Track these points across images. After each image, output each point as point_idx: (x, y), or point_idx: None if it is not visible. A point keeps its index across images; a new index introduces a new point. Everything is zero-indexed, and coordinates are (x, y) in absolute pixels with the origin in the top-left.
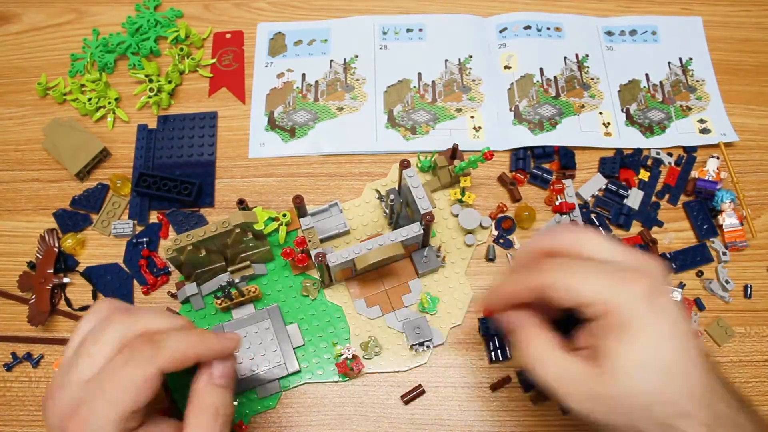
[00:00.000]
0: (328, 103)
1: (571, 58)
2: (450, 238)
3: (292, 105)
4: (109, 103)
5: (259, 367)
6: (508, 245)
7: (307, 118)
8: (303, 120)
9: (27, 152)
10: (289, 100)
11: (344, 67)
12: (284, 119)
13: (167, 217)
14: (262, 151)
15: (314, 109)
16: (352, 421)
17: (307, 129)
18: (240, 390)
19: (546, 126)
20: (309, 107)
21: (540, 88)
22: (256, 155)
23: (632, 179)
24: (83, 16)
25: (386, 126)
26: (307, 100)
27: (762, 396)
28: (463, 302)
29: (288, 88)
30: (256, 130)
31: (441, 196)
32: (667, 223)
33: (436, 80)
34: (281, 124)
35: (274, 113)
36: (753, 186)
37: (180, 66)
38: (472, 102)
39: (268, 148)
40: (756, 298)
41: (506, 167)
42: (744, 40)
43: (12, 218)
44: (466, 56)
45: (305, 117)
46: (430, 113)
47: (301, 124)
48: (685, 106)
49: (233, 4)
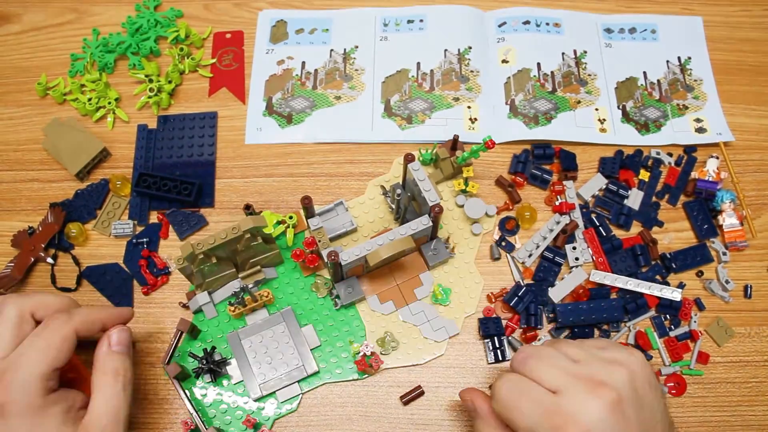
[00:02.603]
0: (326, 92)
1: (569, 54)
2: (457, 229)
3: (290, 92)
4: (109, 103)
5: (277, 371)
6: (510, 248)
7: (304, 105)
8: (300, 107)
9: (27, 152)
10: (288, 87)
11: (344, 57)
12: (282, 105)
13: (167, 217)
14: (260, 136)
15: (312, 96)
16: (353, 421)
17: (303, 116)
18: (261, 395)
19: (541, 120)
20: (307, 95)
21: (537, 82)
22: (254, 141)
23: (632, 179)
24: (83, 16)
25: (382, 116)
26: (306, 88)
27: (762, 396)
28: (476, 291)
29: (287, 75)
30: (253, 116)
31: (444, 187)
32: (667, 223)
33: (435, 69)
34: (279, 110)
35: (272, 99)
36: (753, 186)
37: (180, 66)
38: (469, 92)
39: (265, 134)
40: (756, 298)
41: (505, 169)
42: (744, 40)
43: (12, 218)
44: (465, 47)
45: (303, 104)
46: (427, 102)
47: (299, 111)
48: (681, 105)
49: (233, 4)
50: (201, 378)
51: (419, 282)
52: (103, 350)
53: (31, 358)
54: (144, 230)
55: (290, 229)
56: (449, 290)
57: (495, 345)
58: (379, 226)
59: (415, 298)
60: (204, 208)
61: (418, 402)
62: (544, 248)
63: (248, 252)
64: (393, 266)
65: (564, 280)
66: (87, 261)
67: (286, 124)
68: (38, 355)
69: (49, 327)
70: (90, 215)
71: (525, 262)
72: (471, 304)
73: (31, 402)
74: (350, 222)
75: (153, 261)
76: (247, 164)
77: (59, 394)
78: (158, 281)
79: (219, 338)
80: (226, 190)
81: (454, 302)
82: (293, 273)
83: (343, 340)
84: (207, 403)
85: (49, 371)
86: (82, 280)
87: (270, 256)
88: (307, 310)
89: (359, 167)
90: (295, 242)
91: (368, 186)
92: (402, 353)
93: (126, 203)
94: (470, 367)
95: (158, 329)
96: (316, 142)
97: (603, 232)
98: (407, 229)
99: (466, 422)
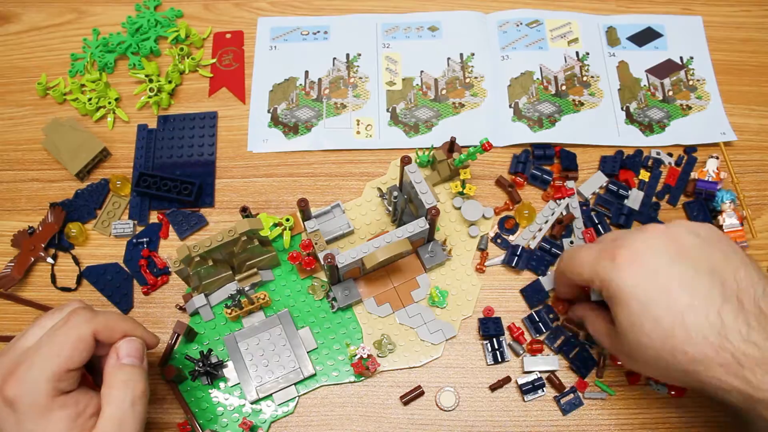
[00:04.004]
0: (331, 101)
1: (572, 56)
2: (454, 231)
3: (295, 102)
4: (109, 103)
5: (274, 373)
6: (505, 245)
7: (310, 116)
8: (306, 117)
9: (27, 152)
10: (292, 97)
11: (347, 65)
12: (287, 116)
13: (167, 217)
14: (266, 147)
15: (317, 106)
16: (352, 421)
17: (310, 126)
18: (257, 398)
19: (545, 123)
20: (312, 104)
21: (540, 85)
22: (260, 150)
23: (632, 180)
24: (83, 16)
25: (389, 124)
26: (310, 97)
27: None
28: (473, 294)
29: (291, 84)
30: (258, 127)
31: (441, 189)
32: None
33: (439, 78)
34: (284, 121)
35: (277, 110)
36: (753, 186)
37: (180, 66)
38: (474, 98)
39: (271, 144)
40: None
41: (505, 169)
42: (744, 40)
43: (12, 218)
44: (468, 54)
45: (308, 114)
46: (433, 110)
47: (304, 121)
48: (685, 105)
49: (233, 4)
50: (197, 380)
51: (416, 284)
52: (111, 362)
53: (45, 355)
54: (144, 230)
55: (287, 232)
56: (446, 293)
57: (494, 346)
58: (376, 228)
59: (412, 300)
60: (204, 208)
61: (417, 402)
62: (541, 239)
63: (245, 254)
64: (390, 269)
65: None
66: (87, 261)
67: (293, 135)
68: (51, 352)
69: (69, 323)
70: (90, 215)
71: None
72: (468, 307)
73: (37, 401)
74: (347, 224)
75: (153, 261)
76: (247, 164)
77: (71, 397)
78: (158, 281)
79: (216, 341)
80: (226, 190)
81: (451, 305)
82: (290, 275)
83: (340, 342)
84: (203, 405)
85: (61, 372)
86: (82, 279)
87: (267, 258)
88: (303, 313)
89: (360, 167)
90: (292, 244)
91: (365, 188)
92: (399, 356)
93: (126, 203)
94: (470, 367)
95: (158, 329)
96: (321, 149)
97: (602, 231)
98: (404, 232)
99: (466, 422)
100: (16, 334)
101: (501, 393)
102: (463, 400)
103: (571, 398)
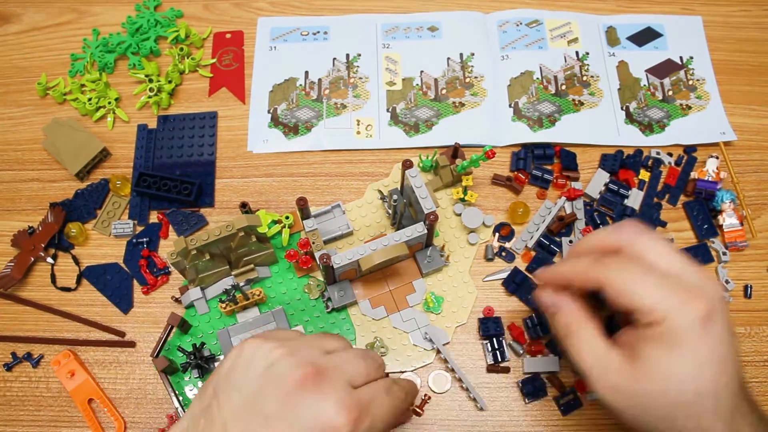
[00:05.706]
0: (332, 101)
1: (572, 56)
2: (453, 237)
3: (295, 102)
4: (109, 103)
5: None
6: (510, 258)
7: (310, 116)
8: (306, 117)
9: (27, 152)
10: (292, 97)
11: (347, 66)
12: (287, 116)
13: (167, 217)
14: (266, 147)
15: (317, 107)
16: None
17: (310, 126)
18: None
19: (545, 123)
20: (312, 105)
21: (540, 85)
22: (260, 151)
23: (632, 179)
24: (83, 16)
25: (389, 123)
26: (310, 98)
27: (762, 396)
28: (468, 301)
29: (291, 84)
30: (258, 127)
31: (443, 195)
32: (667, 223)
33: (439, 78)
34: (284, 121)
35: (277, 110)
36: (753, 186)
37: (180, 66)
38: (474, 97)
39: (271, 145)
40: (756, 298)
41: (505, 169)
42: (744, 40)
43: (12, 218)
44: (468, 53)
45: (308, 114)
46: (433, 110)
47: (304, 122)
48: (685, 105)
49: (233, 4)
50: (188, 373)
51: (412, 289)
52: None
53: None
54: (144, 230)
55: (286, 229)
56: (442, 299)
57: (494, 346)
58: (376, 230)
59: (407, 304)
60: (204, 208)
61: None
62: (539, 236)
63: (242, 250)
64: (387, 272)
65: None
66: (87, 261)
67: (293, 135)
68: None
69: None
70: (90, 215)
71: (519, 250)
72: (463, 314)
73: None
74: (346, 225)
75: (153, 261)
76: (247, 164)
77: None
78: (158, 281)
79: (209, 334)
80: (225, 189)
81: (446, 311)
82: (287, 273)
83: None
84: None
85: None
86: (82, 279)
87: (264, 255)
88: (298, 311)
89: (360, 167)
90: (290, 242)
91: (367, 189)
92: (391, 359)
93: (126, 203)
94: (470, 367)
95: (158, 329)
96: (321, 149)
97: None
98: (401, 236)
99: (465, 422)
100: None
101: (501, 393)
102: (463, 400)
103: (570, 399)
